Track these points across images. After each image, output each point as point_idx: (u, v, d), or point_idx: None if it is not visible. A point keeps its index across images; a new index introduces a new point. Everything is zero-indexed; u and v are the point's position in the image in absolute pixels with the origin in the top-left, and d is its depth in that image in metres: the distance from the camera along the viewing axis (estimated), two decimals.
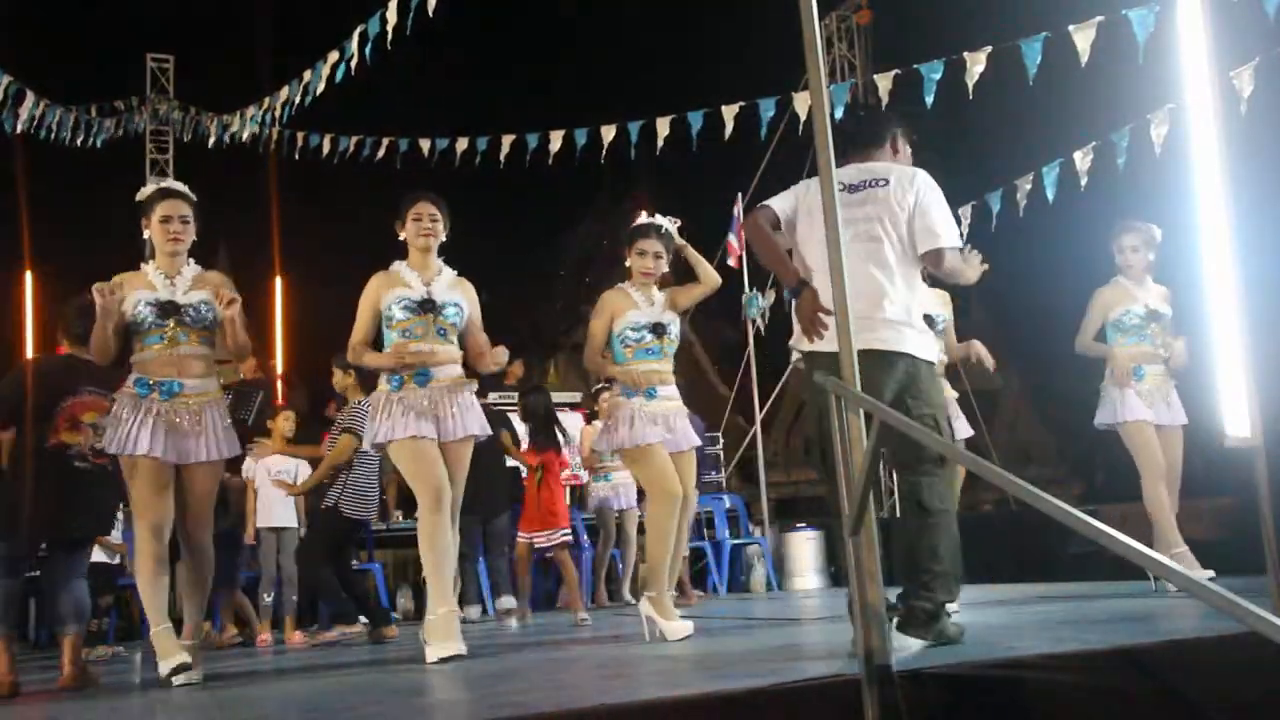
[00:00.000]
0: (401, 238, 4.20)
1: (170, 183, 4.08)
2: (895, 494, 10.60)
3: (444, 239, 4.23)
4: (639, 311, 4.33)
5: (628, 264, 4.43)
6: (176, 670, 3.68)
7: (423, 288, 4.11)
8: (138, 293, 3.84)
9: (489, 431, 4.24)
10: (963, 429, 4.84)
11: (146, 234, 3.99)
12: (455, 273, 4.24)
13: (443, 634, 3.85)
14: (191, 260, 3.97)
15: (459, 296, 4.18)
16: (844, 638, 2.87)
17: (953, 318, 5.10)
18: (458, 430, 4.04)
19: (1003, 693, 2.48)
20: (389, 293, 4.09)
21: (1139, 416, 4.86)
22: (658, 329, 4.33)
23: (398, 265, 4.19)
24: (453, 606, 3.97)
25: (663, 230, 4.41)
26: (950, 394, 4.69)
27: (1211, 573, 4.44)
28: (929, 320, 4.52)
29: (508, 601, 6.82)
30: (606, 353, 4.39)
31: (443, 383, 4.07)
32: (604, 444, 4.43)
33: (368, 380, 4.96)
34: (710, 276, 4.52)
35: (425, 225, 4.16)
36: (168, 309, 3.82)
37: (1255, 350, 3.23)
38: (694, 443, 4.43)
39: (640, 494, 6.90)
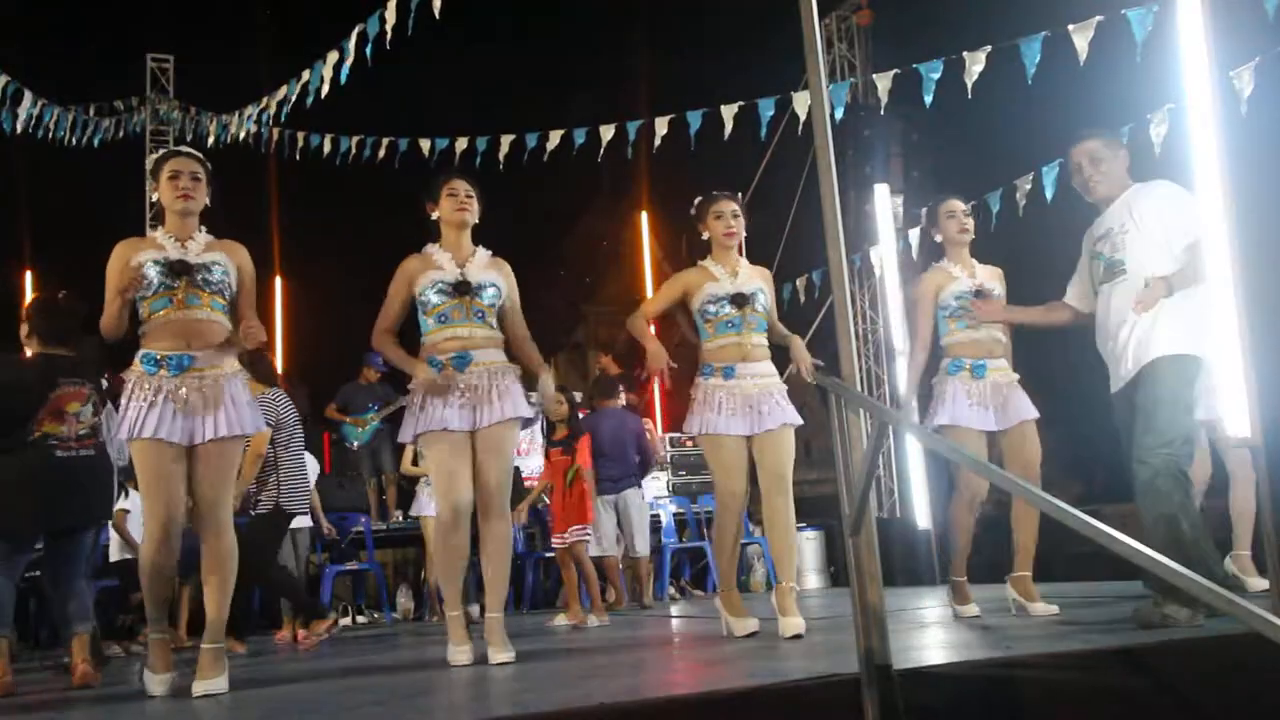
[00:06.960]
0: (434, 216, 3.96)
1: (182, 148, 3.81)
2: (895, 494, 10.63)
3: (476, 220, 3.99)
4: (717, 284, 4.07)
5: (705, 237, 4.15)
6: (157, 695, 3.42)
7: (456, 269, 3.86)
8: (144, 253, 3.53)
9: (530, 415, 3.97)
10: (1028, 410, 4.34)
11: (155, 197, 3.77)
12: (490, 253, 3.99)
13: (454, 638, 3.76)
14: (204, 228, 3.69)
15: (496, 277, 3.92)
16: (845, 637, 2.86)
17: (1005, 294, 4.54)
18: (493, 416, 3.77)
19: (1003, 692, 2.48)
20: (422, 276, 3.85)
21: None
22: (738, 299, 4.03)
23: (430, 248, 3.94)
24: (456, 611, 3.81)
25: (734, 195, 4.17)
26: (1012, 376, 4.37)
27: (1266, 583, 4.23)
28: (982, 294, 4.34)
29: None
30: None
31: (483, 365, 3.83)
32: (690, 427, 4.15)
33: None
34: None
35: (461, 200, 3.92)
36: (177, 268, 3.51)
37: (1256, 350, 3.23)
38: (784, 420, 4.01)
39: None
